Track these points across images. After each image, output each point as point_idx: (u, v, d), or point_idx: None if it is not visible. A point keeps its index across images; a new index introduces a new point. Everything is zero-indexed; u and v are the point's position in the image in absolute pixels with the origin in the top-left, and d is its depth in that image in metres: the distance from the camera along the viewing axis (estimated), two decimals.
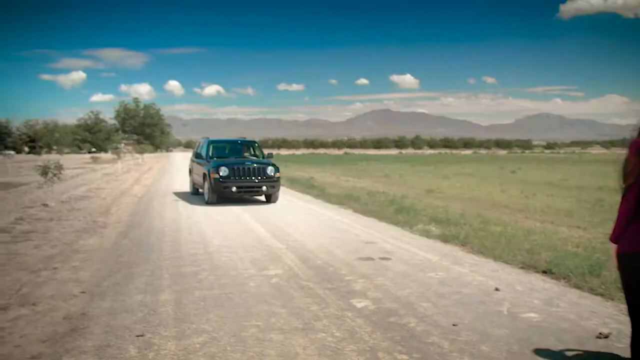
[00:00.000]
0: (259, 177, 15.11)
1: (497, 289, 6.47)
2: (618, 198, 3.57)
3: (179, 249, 8.79)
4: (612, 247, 3.61)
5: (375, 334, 4.94)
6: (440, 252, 8.77)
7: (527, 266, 7.68)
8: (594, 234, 10.55)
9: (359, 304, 5.86)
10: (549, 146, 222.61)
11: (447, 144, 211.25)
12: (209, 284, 6.63)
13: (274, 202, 15.76)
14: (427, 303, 5.89)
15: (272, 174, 15.37)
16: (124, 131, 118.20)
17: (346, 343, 4.70)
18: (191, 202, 15.92)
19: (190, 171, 19.12)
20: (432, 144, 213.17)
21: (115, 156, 61.10)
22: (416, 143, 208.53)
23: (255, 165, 15.39)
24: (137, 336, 4.81)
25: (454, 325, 5.18)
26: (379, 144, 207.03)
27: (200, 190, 16.88)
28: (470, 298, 6.11)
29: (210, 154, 16.35)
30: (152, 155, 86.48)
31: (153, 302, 5.85)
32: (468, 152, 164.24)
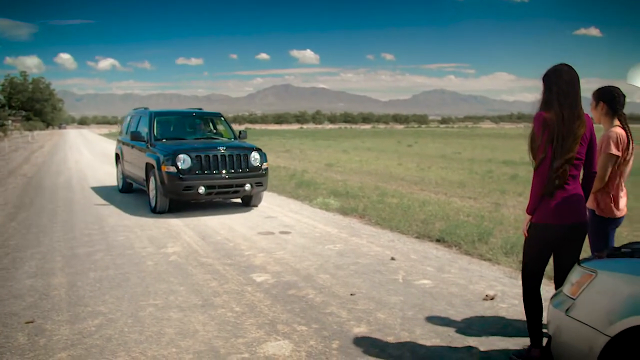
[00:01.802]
0: (239, 170, 10.05)
1: (393, 259, 6.70)
2: (505, 170, 3.74)
3: (73, 230, 8.44)
4: (526, 218, 3.72)
5: (274, 307, 4.99)
6: (339, 224, 8.95)
7: (421, 236, 7.99)
8: (483, 203, 11.14)
9: (259, 278, 5.89)
10: (444, 121, 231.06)
11: (347, 118, 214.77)
12: (104, 265, 6.42)
13: (256, 205, 11.00)
14: (326, 275, 6.02)
15: (258, 163, 10.42)
16: (11, 107, 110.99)
17: (246, 317, 4.72)
18: (85, 181, 15.28)
19: (119, 158, 13.48)
20: (332, 119, 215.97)
21: (1, 134, 57.60)
22: (317, 118, 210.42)
23: (231, 151, 10.14)
24: (27, 322, 4.59)
25: (351, 295, 5.32)
26: (280, 119, 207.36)
27: (138, 186, 11.99)
28: (367, 268, 6.29)
29: (156, 133, 10.94)
30: (43, 132, 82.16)
31: (44, 287, 5.59)
32: (367, 126, 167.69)
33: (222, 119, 12.55)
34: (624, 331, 2.53)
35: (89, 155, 27.30)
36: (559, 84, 3.50)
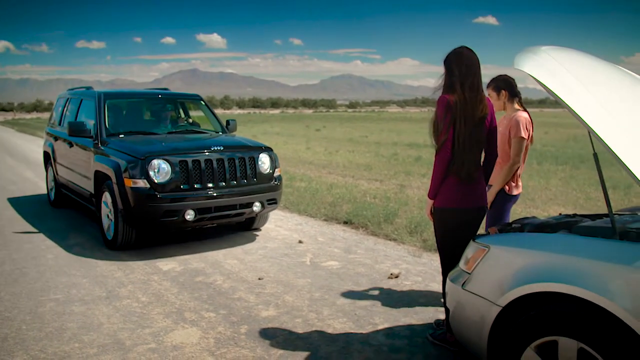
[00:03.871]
0: (244, 181, 6.59)
1: (300, 242, 6.76)
2: (410, 152, 3.78)
3: None
4: (428, 201, 3.71)
5: (182, 294, 4.93)
6: None
7: (329, 218, 8.11)
8: (389, 185, 11.42)
9: (166, 266, 5.79)
10: (352, 105, 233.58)
11: (256, 104, 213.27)
12: None
13: (259, 228, 7.58)
14: (234, 260, 5.99)
15: (269, 169, 6.90)
16: None
17: (152, 307, 4.63)
18: None
19: (49, 157, 9.41)
20: (241, 104, 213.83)
21: None
22: (225, 103, 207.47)
23: (230, 152, 6.60)
24: None
25: (259, 279, 5.34)
26: None
27: (77, 198, 8.11)
28: (275, 252, 6.33)
29: (108, 124, 7.28)
30: None
31: None
32: (276, 111, 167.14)
33: (202, 103, 9.00)
34: (513, 301, 2.68)
35: None
36: (460, 66, 3.48)
